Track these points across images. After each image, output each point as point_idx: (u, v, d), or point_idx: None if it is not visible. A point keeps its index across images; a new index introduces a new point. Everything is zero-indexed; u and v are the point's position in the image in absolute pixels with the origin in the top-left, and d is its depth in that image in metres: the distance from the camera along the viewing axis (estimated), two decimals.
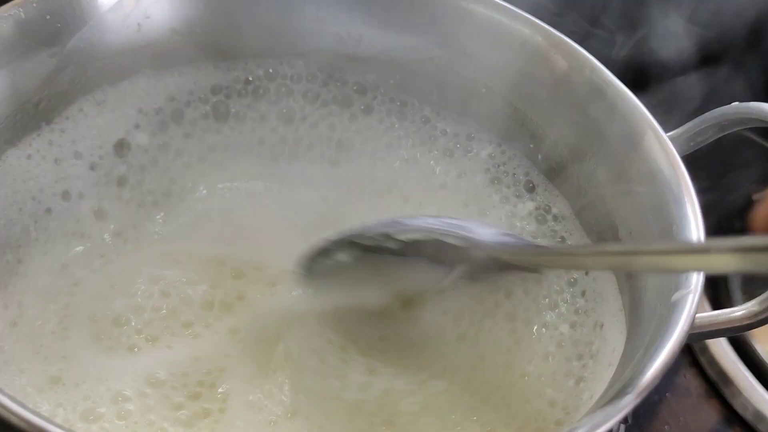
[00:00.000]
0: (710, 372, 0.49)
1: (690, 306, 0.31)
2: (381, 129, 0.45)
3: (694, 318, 0.31)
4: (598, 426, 0.27)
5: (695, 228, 0.34)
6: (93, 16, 0.39)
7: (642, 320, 0.34)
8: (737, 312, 0.34)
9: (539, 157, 0.43)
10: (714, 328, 0.34)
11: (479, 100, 0.43)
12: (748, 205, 0.50)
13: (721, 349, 0.49)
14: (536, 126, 0.42)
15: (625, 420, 0.29)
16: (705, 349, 0.49)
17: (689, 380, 0.48)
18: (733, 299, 0.51)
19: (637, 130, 0.38)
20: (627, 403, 0.28)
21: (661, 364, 0.29)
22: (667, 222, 0.35)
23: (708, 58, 0.50)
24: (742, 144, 0.51)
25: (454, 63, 0.43)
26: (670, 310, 0.32)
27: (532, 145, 0.43)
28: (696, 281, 0.32)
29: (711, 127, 0.39)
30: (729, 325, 0.34)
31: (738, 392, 0.47)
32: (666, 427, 0.46)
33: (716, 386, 0.48)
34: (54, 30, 0.38)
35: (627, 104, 0.39)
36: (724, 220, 0.52)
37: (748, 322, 0.34)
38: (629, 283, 0.37)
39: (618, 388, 0.29)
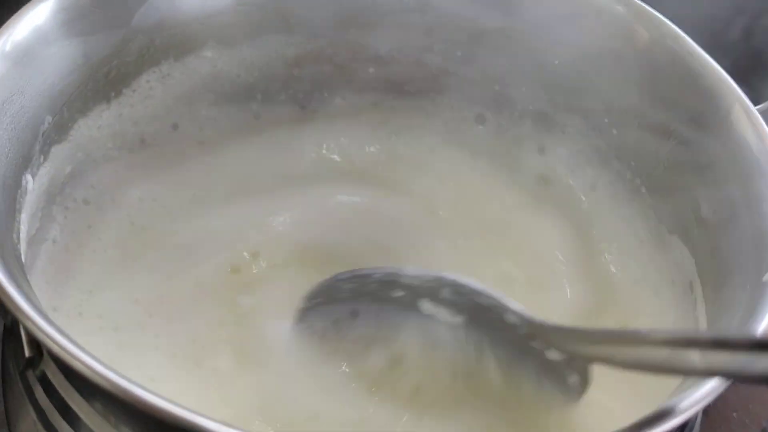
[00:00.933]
0: None
1: None
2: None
3: None
4: (696, 402, 0.26)
5: None
6: None
7: (727, 304, 0.33)
8: None
9: (614, 131, 0.42)
10: None
11: (548, 73, 0.42)
12: None
13: None
14: (612, 100, 0.41)
15: None
16: None
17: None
18: None
19: (723, 103, 0.37)
20: (714, 388, 0.27)
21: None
22: (755, 199, 0.34)
23: None
24: None
25: (526, 34, 0.42)
26: (761, 291, 0.30)
27: (606, 120, 0.42)
28: None
29: None
30: None
31: None
32: (734, 414, 0.45)
33: None
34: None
35: (713, 77, 0.37)
36: None
37: None
38: (712, 264, 0.36)
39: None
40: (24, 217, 0.34)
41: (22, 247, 0.34)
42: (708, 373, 0.26)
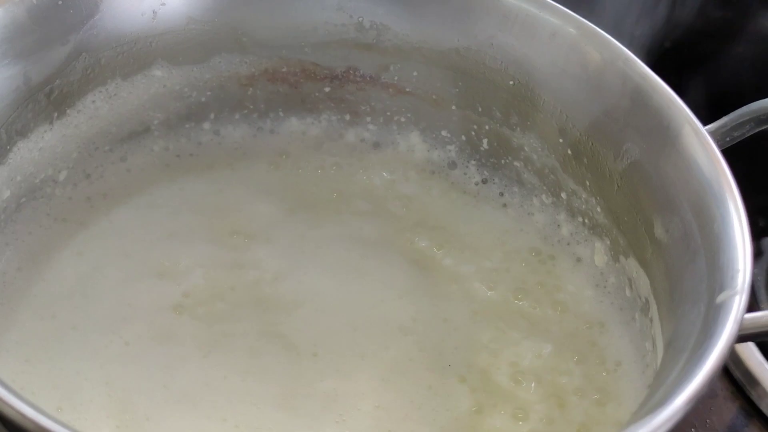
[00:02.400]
0: (737, 373, 0.47)
1: (737, 308, 0.30)
2: None
3: (741, 321, 0.30)
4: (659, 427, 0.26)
5: (739, 226, 0.33)
6: (106, 1, 0.38)
7: (682, 324, 0.33)
8: None
9: (568, 152, 0.41)
10: (758, 330, 0.33)
11: (507, 93, 0.42)
12: None
13: (748, 350, 0.47)
14: (566, 120, 0.41)
15: None
16: (731, 351, 0.48)
17: (714, 381, 0.47)
18: (759, 299, 0.50)
19: (673, 124, 0.37)
20: (679, 408, 0.26)
21: (713, 367, 0.27)
22: (708, 219, 0.34)
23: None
24: None
25: (480, 54, 0.42)
26: (715, 312, 0.30)
27: (561, 140, 0.41)
28: (743, 281, 0.30)
29: (748, 122, 0.37)
30: None
31: (765, 393, 0.46)
32: (692, 429, 0.45)
33: (743, 387, 0.46)
34: (66, 16, 0.37)
35: (663, 98, 0.37)
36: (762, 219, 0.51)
37: None
38: (665, 284, 0.36)
39: (665, 392, 0.28)
40: None
41: None
42: None
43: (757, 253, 0.49)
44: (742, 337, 0.32)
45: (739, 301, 0.30)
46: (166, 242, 0.40)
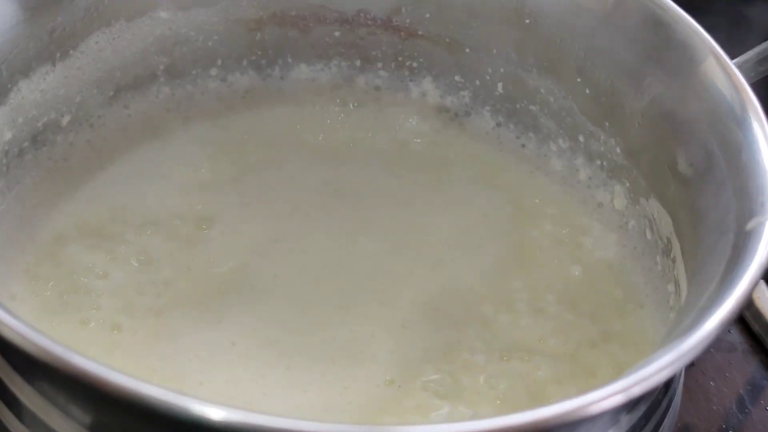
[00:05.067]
0: (756, 327, 0.46)
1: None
2: None
3: None
4: (689, 351, 0.25)
5: (767, 153, 0.32)
6: None
7: (708, 257, 0.32)
8: None
9: (587, 92, 0.40)
10: None
11: (523, 32, 0.41)
12: None
13: (767, 304, 0.47)
14: (584, 58, 0.40)
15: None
16: (750, 304, 0.46)
17: (734, 335, 0.46)
18: None
19: (697, 56, 0.35)
20: (711, 330, 0.25)
21: (746, 289, 0.26)
22: (734, 149, 0.33)
23: None
24: None
25: None
26: (746, 239, 0.29)
27: (579, 80, 0.40)
28: None
29: None
30: None
31: None
32: (711, 383, 0.44)
33: (762, 342, 0.46)
34: None
35: (685, 29, 0.36)
36: None
37: None
38: (689, 220, 0.34)
39: (695, 317, 0.26)
40: None
41: None
42: None
43: None
44: None
45: None
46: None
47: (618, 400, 0.25)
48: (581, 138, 0.41)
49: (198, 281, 0.36)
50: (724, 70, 0.34)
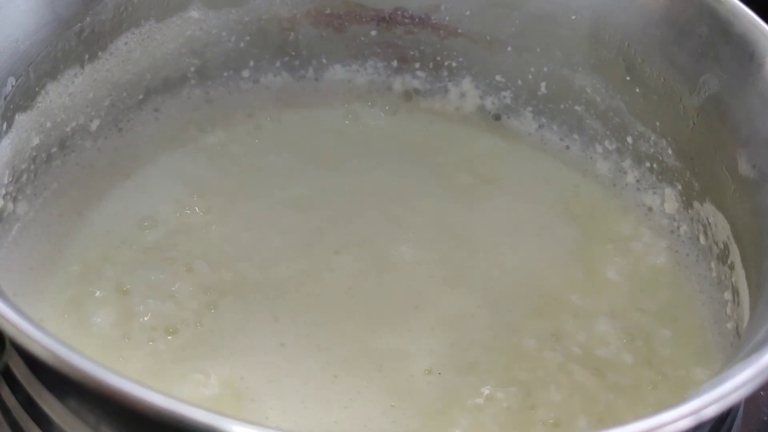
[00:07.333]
0: None
1: None
2: None
3: None
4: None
5: None
6: None
7: None
8: None
9: (636, 90, 0.38)
10: None
11: (568, 29, 0.39)
12: None
13: None
14: (634, 55, 0.38)
15: None
16: None
17: None
18: None
19: (758, 51, 0.34)
20: None
21: None
22: None
23: None
24: None
25: None
26: None
27: (628, 78, 0.38)
28: None
29: None
30: None
31: None
32: (762, 392, 0.42)
33: None
34: None
35: (744, 23, 0.34)
36: None
37: None
38: (753, 224, 0.32)
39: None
40: None
41: None
42: None
43: None
44: None
45: None
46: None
47: (689, 422, 0.23)
48: (629, 139, 0.40)
49: (242, 287, 0.35)
50: None
